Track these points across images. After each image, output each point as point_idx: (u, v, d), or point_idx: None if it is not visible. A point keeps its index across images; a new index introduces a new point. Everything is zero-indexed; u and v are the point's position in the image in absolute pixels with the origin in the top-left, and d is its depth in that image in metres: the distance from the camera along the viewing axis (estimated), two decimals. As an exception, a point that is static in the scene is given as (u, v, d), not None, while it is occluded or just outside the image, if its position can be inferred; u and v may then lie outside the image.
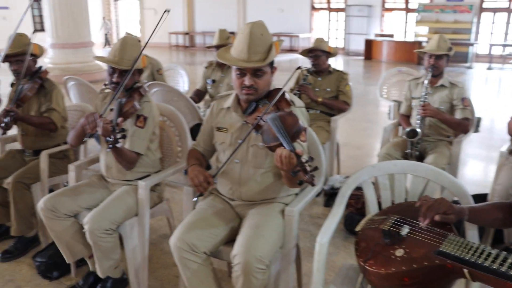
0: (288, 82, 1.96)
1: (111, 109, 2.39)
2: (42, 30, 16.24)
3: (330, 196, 3.61)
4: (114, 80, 2.43)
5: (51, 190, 3.10)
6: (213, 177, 2.03)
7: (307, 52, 3.92)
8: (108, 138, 2.17)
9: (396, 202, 2.05)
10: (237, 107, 2.13)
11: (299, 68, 2.34)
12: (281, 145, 1.71)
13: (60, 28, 10.14)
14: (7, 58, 2.99)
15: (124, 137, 2.18)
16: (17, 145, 3.28)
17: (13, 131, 3.05)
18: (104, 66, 2.50)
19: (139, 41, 2.62)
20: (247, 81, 1.95)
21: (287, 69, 11.65)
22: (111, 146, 2.17)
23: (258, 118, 1.92)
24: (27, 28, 17.39)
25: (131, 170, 2.51)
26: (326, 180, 3.78)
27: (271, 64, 2.02)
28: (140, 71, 2.56)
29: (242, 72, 1.96)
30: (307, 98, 3.82)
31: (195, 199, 2.05)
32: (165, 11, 2.46)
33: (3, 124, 2.82)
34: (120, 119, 2.22)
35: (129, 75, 2.38)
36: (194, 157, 2.24)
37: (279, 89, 2.02)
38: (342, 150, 4.55)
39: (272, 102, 1.92)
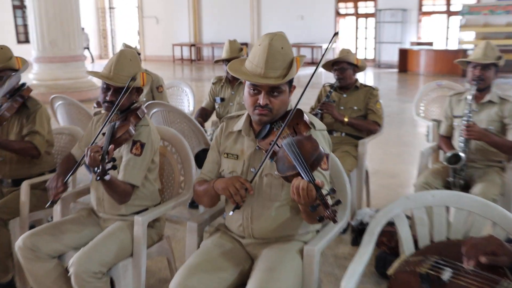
0: (301, 98, 1.96)
1: (104, 134, 2.42)
2: (27, 41, 16.68)
3: (358, 232, 3.57)
4: (108, 98, 2.47)
5: (32, 227, 3.11)
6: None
7: (331, 65, 3.95)
8: (96, 169, 2.19)
9: (436, 240, 2.03)
10: (249, 130, 2.14)
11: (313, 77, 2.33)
12: (298, 174, 1.71)
13: (47, 39, 10.31)
14: None
15: (114, 167, 2.19)
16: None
17: None
18: (98, 83, 2.56)
19: (139, 53, 2.68)
20: (261, 99, 1.97)
21: (309, 85, 11.67)
22: (98, 178, 2.18)
23: (272, 143, 1.93)
24: (9, 39, 17.91)
25: (126, 204, 2.52)
26: (353, 214, 3.75)
27: (290, 82, 2.04)
28: (139, 90, 2.61)
29: (256, 89, 1.98)
30: (330, 118, 3.83)
31: (231, 213, 2.00)
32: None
33: None
34: (111, 147, 2.23)
35: (125, 94, 2.42)
36: (205, 182, 2.22)
37: (298, 110, 2.02)
38: (372, 179, 4.52)
39: (285, 123, 1.93)
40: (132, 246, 2.45)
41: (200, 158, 3.51)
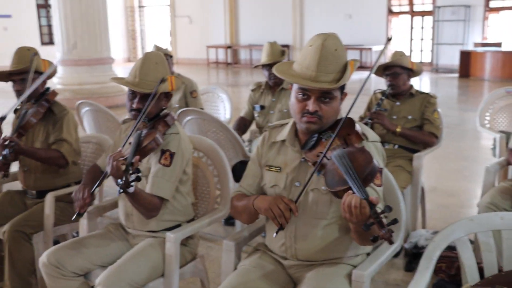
0: (353, 106, 1.97)
1: (130, 143, 2.46)
2: (51, 43, 17.17)
3: (412, 257, 3.53)
4: (134, 106, 2.53)
5: (56, 242, 3.20)
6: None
7: (382, 70, 3.94)
8: (119, 180, 2.22)
9: (505, 269, 1.99)
10: (294, 140, 2.16)
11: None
12: (349, 189, 1.72)
13: (72, 41, 10.54)
14: (10, 77, 3.18)
15: (138, 179, 2.20)
16: (16, 185, 3.43)
17: (13, 167, 3.17)
18: (126, 88, 2.61)
19: (171, 56, 2.72)
20: (310, 105, 1.99)
21: (356, 92, 11.56)
22: (121, 190, 2.21)
23: (320, 155, 1.94)
24: (33, 40, 18.44)
25: (157, 219, 2.57)
26: (407, 236, 3.71)
27: (342, 88, 2.06)
28: (167, 96, 2.65)
29: (305, 94, 2.00)
30: (381, 128, 3.81)
31: (274, 235, 2.02)
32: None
33: (0, 158, 2.93)
34: (136, 158, 2.26)
35: (152, 101, 2.46)
36: (244, 196, 2.26)
37: (349, 119, 2.03)
38: (428, 197, 4.46)
39: (336, 132, 1.94)
40: (163, 266, 2.49)
41: (238, 171, 3.54)
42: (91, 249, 2.54)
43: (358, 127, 2.02)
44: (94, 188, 2.54)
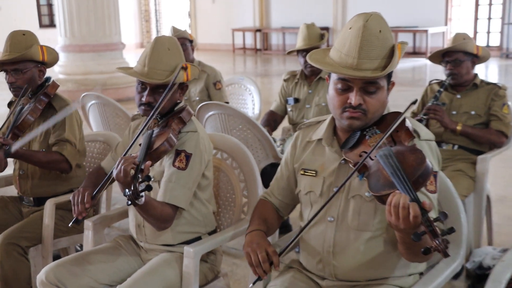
0: (413, 105, 1.96)
1: (140, 144, 2.46)
2: (52, 25, 17.36)
3: (476, 279, 3.50)
4: (144, 100, 2.53)
5: (57, 257, 3.25)
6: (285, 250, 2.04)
7: (440, 56, 3.90)
8: (126, 191, 2.19)
9: None
10: (332, 139, 2.16)
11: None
12: None
13: (76, 23, 10.59)
14: (2, 66, 3.20)
15: (148, 188, 2.18)
16: (11, 190, 3.48)
17: (7, 170, 3.18)
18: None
19: (191, 40, 2.71)
20: (353, 98, 1.98)
21: (408, 83, 11.55)
22: (129, 202, 2.18)
23: (364, 154, 1.93)
24: (30, 22, 18.59)
25: (173, 230, 2.58)
26: (469, 253, 3.67)
27: (389, 76, 2.04)
28: (183, 87, 2.65)
29: (346, 85, 2.00)
30: (439, 125, 3.78)
31: (250, 286, 2.09)
32: None
33: None
34: (146, 163, 2.24)
35: (168, 93, 2.45)
36: (260, 215, 2.30)
37: (397, 113, 2.03)
38: (495, 208, 4.40)
39: (387, 132, 1.93)
40: (180, 285, 2.51)
41: (268, 175, 3.54)
42: (97, 265, 2.56)
43: (409, 123, 2.01)
44: (96, 192, 2.54)
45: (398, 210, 1.67)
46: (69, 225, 2.55)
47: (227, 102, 4.86)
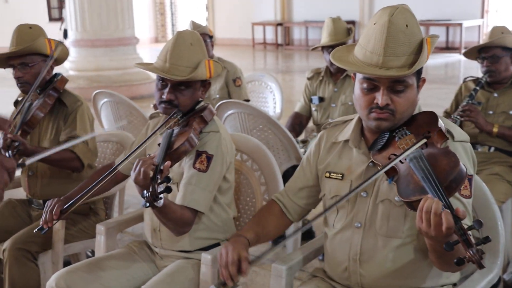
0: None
1: (159, 144, 2.47)
2: (60, 19, 17.44)
3: (514, 292, 3.47)
4: (164, 97, 2.54)
5: (67, 263, 3.25)
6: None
7: (476, 52, 3.87)
8: (144, 192, 2.20)
9: None
10: (359, 140, 2.16)
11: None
12: None
13: (88, 16, 10.66)
14: (9, 61, 3.23)
15: (168, 190, 2.18)
16: (20, 192, 3.50)
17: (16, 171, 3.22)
18: (155, 75, 2.64)
19: (211, 36, 2.71)
20: (380, 98, 1.98)
21: (440, 80, 11.45)
22: (147, 204, 2.19)
23: (393, 157, 1.93)
24: (39, 15, 18.67)
25: (190, 236, 2.59)
26: (507, 264, 3.64)
27: (418, 73, 2.04)
28: (205, 84, 2.67)
29: (372, 84, 2.00)
30: (473, 126, 3.75)
31: (211, 287, 2.13)
32: None
33: None
34: (166, 164, 2.26)
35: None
36: (258, 221, 2.32)
37: (429, 113, 2.03)
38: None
39: (418, 141, 1.92)
40: (198, 293, 2.52)
41: (289, 178, 3.55)
42: (109, 272, 2.58)
43: (442, 123, 2.00)
44: (67, 205, 2.61)
45: (429, 216, 1.66)
46: (34, 231, 2.63)
47: (248, 100, 4.87)
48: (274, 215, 2.36)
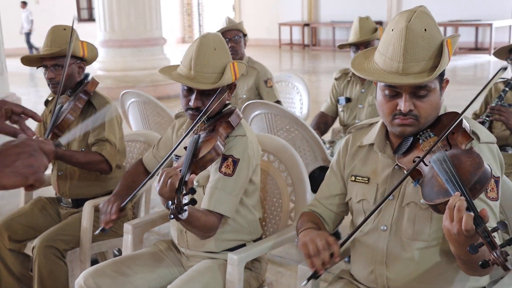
0: (474, 102, 1.93)
1: (186, 147, 2.46)
2: (91, 19, 17.64)
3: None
4: (191, 104, 2.52)
5: (94, 261, 3.31)
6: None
7: (507, 52, 3.83)
8: (169, 203, 2.15)
9: None
10: (384, 144, 2.15)
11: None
12: None
13: (116, 17, 10.77)
14: (42, 62, 3.26)
15: (193, 202, 2.12)
16: (49, 191, 3.55)
17: (47, 170, 3.22)
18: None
19: (245, 34, 2.66)
20: (402, 105, 1.97)
21: (469, 81, 11.36)
22: (172, 216, 2.14)
23: (417, 160, 1.92)
24: (69, 16, 18.88)
25: (216, 238, 2.59)
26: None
27: (441, 75, 2.02)
28: (231, 87, 2.65)
29: (394, 91, 1.99)
30: (503, 128, 3.72)
31: (304, 283, 1.98)
32: None
33: None
34: (191, 177, 2.22)
35: (216, 100, 2.44)
36: (308, 220, 2.28)
37: (454, 114, 2.01)
38: None
39: (441, 136, 1.91)
40: (223, 294, 2.52)
41: (316, 179, 3.54)
42: (136, 271, 2.59)
43: (466, 124, 1.98)
44: (125, 203, 2.57)
45: (453, 213, 1.65)
46: (95, 233, 2.60)
47: (279, 101, 4.85)
48: (317, 218, 2.32)
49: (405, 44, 1.91)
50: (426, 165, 1.88)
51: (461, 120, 1.97)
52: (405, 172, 1.98)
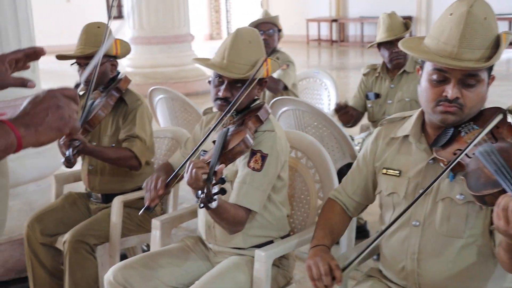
0: None
1: (214, 141, 2.48)
2: (120, 16, 17.74)
3: None
4: (220, 94, 2.54)
5: (123, 256, 3.33)
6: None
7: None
8: (199, 192, 2.19)
9: None
10: (420, 136, 2.12)
11: None
12: (502, 193, 1.66)
13: (145, 14, 10.84)
14: (77, 59, 3.30)
15: (223, 192, 2.17)
16: (79, 186, 3.59)
17: (77, 165, 3.26)
18: (210, 71, 2.63)
19: (279, 29, 2.64)
20: (449, 91, 1.94)
21: (503, 77, 11.21)
22: (202, 205, 2.18)
23: (458, 152, 1.89)
24: (99, 13, 19.06)
25: (244, 234, 2.59)
26: None
27: (490, 69, 2.00)
28: (261, 82, 2.64)
29: (443, 76, 1.96)
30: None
31: None
32: None
33: (63, 160, 3.05)
34: (220, 167, 2.23)
35: (246, 90, 2.42)
36: (325, 224, 2.29)
37: (497, 109, 1.98)
38: None
39: (486, 127, 1.88)
40: (251, 290, 2.52)
41: (344, 176, 3.51)
42: (165, 267, 2.60)
43: (511, 119, 1.95)
44: (170, 179, 2.55)
45: (507, 214, 1.60)
46: (139, 213, 2.60)
47: (286, 87, 4.85)
48: (338, 214, 2.35)
49: (463, 28, 1.89)
50: (469, 157, 1.86)
51: (505, 115, 1.94)
52: (442, 165, 1.96)
